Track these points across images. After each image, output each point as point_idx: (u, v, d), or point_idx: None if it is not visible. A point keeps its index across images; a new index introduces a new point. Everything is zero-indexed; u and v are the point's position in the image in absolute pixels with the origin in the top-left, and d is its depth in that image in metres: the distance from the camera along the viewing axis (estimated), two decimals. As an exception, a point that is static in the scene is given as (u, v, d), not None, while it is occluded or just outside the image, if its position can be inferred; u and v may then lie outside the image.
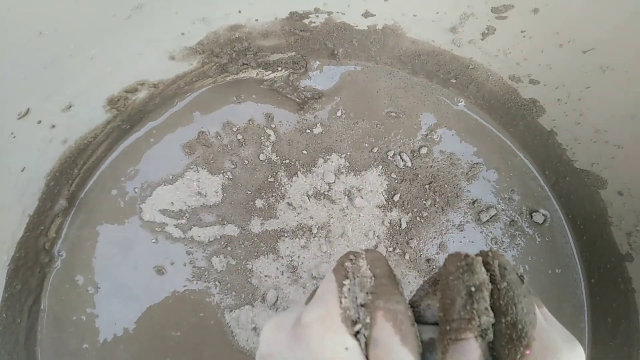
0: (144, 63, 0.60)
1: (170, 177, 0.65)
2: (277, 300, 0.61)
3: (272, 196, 0.65)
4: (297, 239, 0.63)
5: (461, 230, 0.66)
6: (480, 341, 0.21)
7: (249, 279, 0.62)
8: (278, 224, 0.64)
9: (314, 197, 0.65)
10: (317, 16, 0.62)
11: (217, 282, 0.62)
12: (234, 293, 0.61)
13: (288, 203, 0.65)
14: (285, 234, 0.64)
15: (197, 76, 0.67)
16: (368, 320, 0.22)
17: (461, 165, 0.69)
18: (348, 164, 0.67)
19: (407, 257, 0.64)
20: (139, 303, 0.60)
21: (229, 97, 0.69)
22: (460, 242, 0.66)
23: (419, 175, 0.68)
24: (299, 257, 0.63)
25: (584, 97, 0.58)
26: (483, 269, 0.23)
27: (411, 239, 0.65)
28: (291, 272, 0.62)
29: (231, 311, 0.60)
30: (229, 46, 0.64)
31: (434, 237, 0.65)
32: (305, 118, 0.69)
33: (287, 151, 0.67)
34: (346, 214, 0.65)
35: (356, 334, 0.22)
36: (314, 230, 0.64)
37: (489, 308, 0.22)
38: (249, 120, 0.68)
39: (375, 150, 0.68)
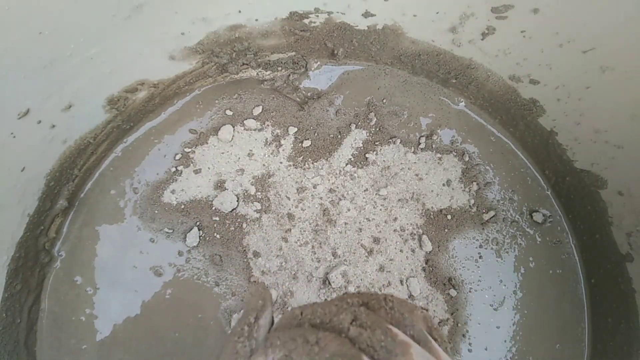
0: (144, 63, 0.60)
1: (170, 177, 0.65)
2: (277, 299, 0.61)
3: (273, 194, 0.65)
4: (296, 237, 0.63)
5: (462, 231, 0.66)
6: None
7: (249, 278, 0.62)
8: (278, 223, 0.64)
9: (313, 196, 0.65)
10: (317, 16, 0.62)
11: (216, 283, 0.61)
12: (233, 293, 0.61)
13: (287, 196, 0.65)
14: (285, 233, 0.64)
15: (197, 76, 0.67)
16: None
17: (461, 165, 0.69)
18: (349, 165, 0.67)
19: (407, 257, 0.64)
20: (137, 304, 0.60)
21: (229, 97, 0.69)
22: (461, 242, 0.66)
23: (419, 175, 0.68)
24: (297, 254, 0.63)
25: (584, 97, 0.58)
26: None
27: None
28: (292, 270, 0.62)
29: (230, 311, 0.60)
30: (229, 46, 0.64)
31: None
32: (306, 118, 0.69)
33: (287, 151, 0.67)
34: (343, 213, 0.65)
35: None
36: (314, 228, 0.64)
37: None
38: (249, 120, 0.68)
39: (375, 151, 0.68)
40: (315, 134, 0.68)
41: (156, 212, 0.63)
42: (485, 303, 0.63)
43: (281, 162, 0.67)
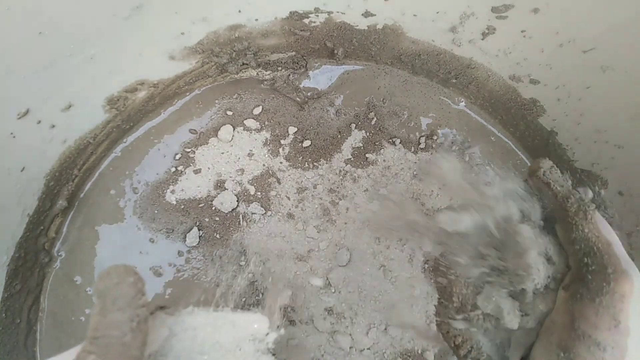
0: (144, 63, 0.60)
1: (170, 176, 0.65)
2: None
3: (272, 195, 0.65)
4: (294, 237, 0.63)
5: (461, 231, 0.66)
6: None
7: (250, 279, 0.62)
8: (278, 223, 0.64)
9: (313, 196, 0.65)
10: (317, 16, 0.62)
11: (216, 283, 0.61)
12: (233, 294, 0.61)
13: (287, 196, 0.65)
14: (285, 233, 0.64)
15: (197, 76, 0.67)
16: None
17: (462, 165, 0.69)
18: (349, 165, 0.67)
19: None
20: (138, 303, 0.60)
21: (229, 97, 0.69)
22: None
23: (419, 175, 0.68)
24: (297, 253, 0.63)
25: (584, 97, 0.58)
26: None
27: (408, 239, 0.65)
28: (292, 270, 0.62)
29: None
30: (229, 46, 0.64)
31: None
32: (306, 118, 0.69)
33: (287, 151, 0.67)
34: (343, 213, 0.65)
35: None
36: (314, 227, 0.64)
37: None
38: (249, 120, 0.68)
39: (375, 151, 0.68)
40: (315, 134, 0.68)
41: (156, 212, 0.63)
42: (486, 303, 0.63)
43: (281, 162, 0.67)
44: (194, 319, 0.26)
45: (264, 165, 0.66)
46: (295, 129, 0.68)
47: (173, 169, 0.65)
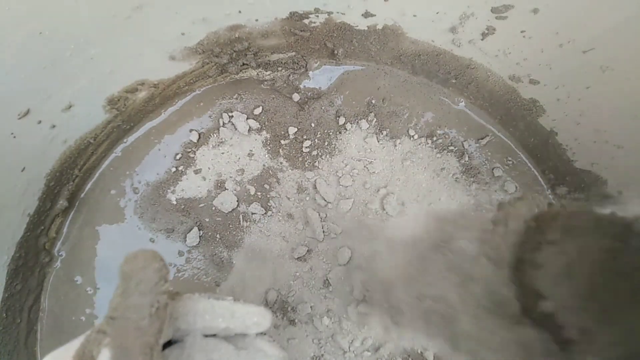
0: (144, 63, 0.60)
1: (170, 176, 0.65)
2: (277, 299, 0.61)
3: (272, 196, 0.65)
4: (294, 237, 0.64)
5: (461, 230, 0.66)
6: None
7: (250, 279, 0.62)
8: (278, 223, 0.64)
9: (310, 196, 0.65)
10: (317, 16, 0.62)
11: (216, 283, 0.62)
12: (233, 294, 0.61)
13: (287, 196, 0.65)
14: (285, 233, 0.64)
15: (197, 76, 0.67)
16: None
17: (461, 165, 0.69)
18: (349, 165, 0.67)
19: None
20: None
21: (229, 97, 0.69)
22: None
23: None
24: (294, 250, 0.63)
25: (583, 97, 0.58)
26: None
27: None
28: (294, 271, 0.62)
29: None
30: (229, 46, 0.64)
31: (434, 237, 0.65)
32: (306, 118, 0.69)
33: (287, 151, 0.67)
34: (339, 213, 0.65)
35: None
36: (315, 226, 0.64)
37: None
38: (249, 120, 0.68)
39: (375, 151, 0.68)
40: (315, 134, 0.68)
41: (156, 212, 0.63)
42: (485, 303, 0.63)
43: (281, 163, 0.67)
44: (194, 305, 0.26)
45: (264, 165, 0.67)
46: (295, 129, 0.68)
47: (173, 169, 0.65)
